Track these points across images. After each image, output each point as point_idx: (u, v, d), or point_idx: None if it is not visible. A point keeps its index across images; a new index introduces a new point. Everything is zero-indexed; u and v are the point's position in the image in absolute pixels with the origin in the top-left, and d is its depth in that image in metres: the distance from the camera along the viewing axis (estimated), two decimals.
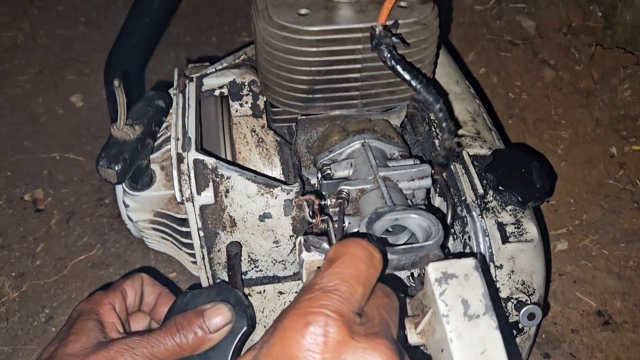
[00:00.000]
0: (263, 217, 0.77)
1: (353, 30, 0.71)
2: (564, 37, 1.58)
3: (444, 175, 0.79)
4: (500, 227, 0.73)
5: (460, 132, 0.84)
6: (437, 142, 0.81)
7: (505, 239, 0.72)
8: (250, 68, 0.90)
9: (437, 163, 0.75)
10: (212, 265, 0.80)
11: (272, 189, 0.75)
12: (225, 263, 0.79)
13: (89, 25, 1.82)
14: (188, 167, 0.75)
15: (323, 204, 0.72)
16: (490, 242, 0.72)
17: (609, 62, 1.48)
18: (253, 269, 0.81)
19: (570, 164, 1.30)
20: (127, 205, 0.84)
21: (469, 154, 0.80)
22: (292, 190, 0.76)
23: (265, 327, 0.79)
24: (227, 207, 0.76)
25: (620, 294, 1.07)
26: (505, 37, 1.62)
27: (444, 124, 0.69)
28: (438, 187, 0.79)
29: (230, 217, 0.77)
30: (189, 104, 0.83)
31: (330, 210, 0.72)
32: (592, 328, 1.03)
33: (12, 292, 1.13)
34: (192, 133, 0.78)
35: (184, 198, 0.75)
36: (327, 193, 0.73)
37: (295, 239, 0.79)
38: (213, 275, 0.81)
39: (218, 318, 0.62)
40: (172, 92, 0.87)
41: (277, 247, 0.80)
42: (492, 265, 0.72)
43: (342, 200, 0.69)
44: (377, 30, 0.69)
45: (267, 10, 0.74)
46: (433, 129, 0.83)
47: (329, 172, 0.74)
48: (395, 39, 0.69)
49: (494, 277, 0.72)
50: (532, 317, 0.70)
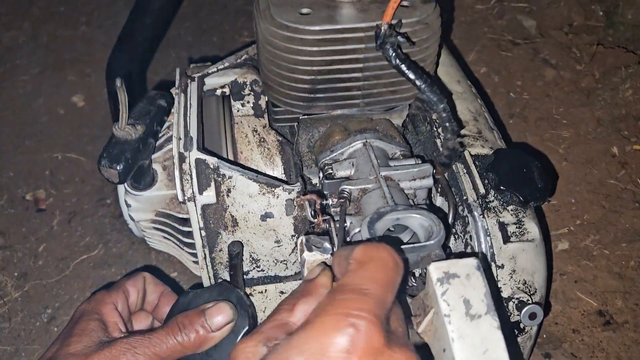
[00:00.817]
0: (265, 216, 0.77)
1: (355, 30, 0.71)
2: (565, 36, 1.58)
3: (446, 175, 0.79)
4: (502, 226, 0.73)
5: (462, 131, 0.84)
6: (438, 141, 0.81)
7: (507, 239, 0.72)
8: (252, 67, 0.90)
9: (439, 163, 0.75)
10: (213, 265, 0.80)
11: (273, 189, 0.76)
12: (227, 263, 0.79)
13: (90, 25, 1.82)
14: (190, 166, 0.75)
15: (324, 204, 0.72)
16: (492, 241, 0.72)
17: (611, 61, 1.47)
18: (255, 269, 0.81)
19: (572, 164, 1.30)
20: (129, 205, 0.84)
21: (471, 154, 0.80)
22: (293, 190, 0.76)
23: None
24: (228, 206, 0.76)
25: (622, 294, 1.07)
26: (507, 36, 1.62)
27: (447, 124, 0.69)
28: (439, 186, 0.79)
29: (232, 216, 0.77)
30: (191, 104, 0.83)
31: (332, 210, 0.72)
32: (593, 328, 1.03)
33: (14, 292, 1.13)
34: (193, 133, 0.78)
35: (186, 198, 0.75)
36: (328, 193, 0.73)
37: (297, 239, 0.79)
38: (215, 275, 0.81)
39: (220, 317, 0.62)
40: (174, 91, 0.87)
41: (278, 246, 0.80)
42: (493, 265, 0.72)
43: (343, 200, 0.69)
44: (382, 29, 0.69)
45: (269, 10, 0.74)
46: (435, 129, 0.83)
47: (331, 171, 0.74)
48: (401, 38, 0.69)
49: (496, 276, 0.72)
50: (533, 316, 0.70)
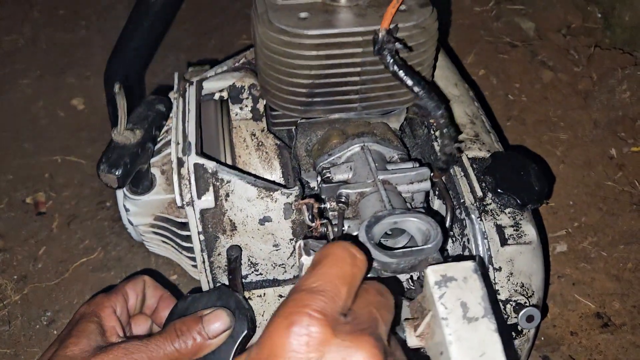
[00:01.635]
0: (263, 220, 0.77)
1: (353, 34, 0.72)
2: (563, 38, 1.59)
3: (443, 178, 0.79)
4: (499, 229, 0.73)
5: (459, 136, 0.84)
6: (436, 145, 0.82)
7: (504, 242, 0.73)
8: (250, 71, 0.91)
9: (436, 168, 0.75)
10: (212, 269, 0.80)
11: (272, 193, 0.76)
12: (226, 266, 0.79)
13: (90, 29, 1.82)
14: (188, 171, 0.75)
15: (322, 208, 0.73)
16: (489, 244, 0.72)
17: (608, 63, 1.48)
18: (253, 273, 0.81)
19: (569, 166, 1.31)
20: (127, 209, 0.84)
21: (468, 157, 0.80)
22: (291, 194, 0.76)
23: None
24: (227, 210, 0.76)
25: (619, 296, 1.08)
26: (504, 38, 1.62)
27: (445, 130, 0.69)
28: (437, 190, 0.79)
29: (231, 220, 0.77)
30: (189, 108, 0.83)
31: (330, 214, 0.73)
32: (591, 330, 1.03)
33: (14, 295, 1.13)
34: (192, 137, 0.78)
35: (184, 202, 0.75)
36: (326, 196, 0.73)
37: (295, 243, 0.79)
38: (213, 279, 0.81)
39: (217, 324, 0.62)
40: (172, 96, 0.88)
41: (277, 250, 0.80)
42: (491, 268, 0.72)
43: (341, 204, 0.69)
44: (380, 35, 0.69)
45: (266, 14, 0.74)
46: (432, 132, 0.83)
47: (329, 175, 0.74)
48: (398, 44, 0.69)
49: (493, 279, 0.72)
50: (530, 319, 0.70)
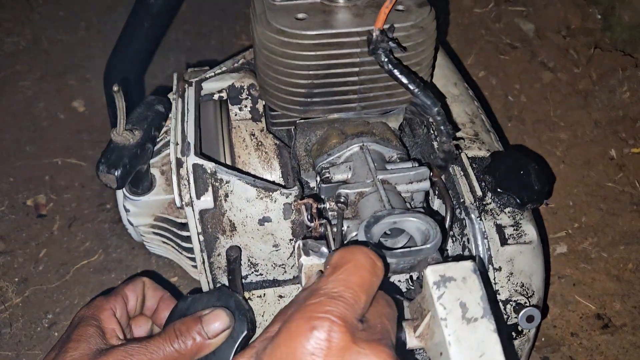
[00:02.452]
0: (262, 220, 0.77)
1: (351, 34, 0.72)
2: (563, 39, 1.58)
3: (443, 178, 0.79)
4: (499, 229, 0.73)
5: (459, 134, 0.84)
6: (435, 144, 0.82)
7: (504, 241, 0.73)
8: (249, 72, 0.91)
9: (435, 166, 0.75)
10: (212, 269, 0.80)
11: (271, 193, 0.76)
12: (225, 267, 0.79)
13: (90, 31, 1.82)
14: (187, 171, 0.75)
15: (321, 208, 0.72)
16: (489, 244, 0.72)
17: (608, 63, 1.48)
18: (253, 273, 0.81)
19: (569, 166, 1.30)
20: (127, 210, 0.84)
21: (468, 156, 0.80)
22: (291, 194, 0.76)
23: None
24: (226, 211, 0.76)
25: (620, 297, 1.07)
26: (504, 39, 1.62)
27: (442, 127, 0.69)
28: (437, 189, 0.79)
29: (230, 221, 0.77)
30: (188, 109, 0.83)
31: (329, 214, 0.72)
32: (591, 331, 1.03)
33: (15, 297, 1.13)
34: (191, 138, 0.78)
35: (184, 203, 0.75)
36: (325, 196, 0.73)
37: (295, 243, 0.79)
38: (213, 279, 0.81)
39: (216, 324, 0.62)
40: (171, 96, 0.88)
41: (276, 250, 0.80)
42: (491, 268, 0.72)
43: (340, 204, 0.69)
44: (374, 35, 0.69)
45: (265, 15, 0.74)
46: (431, 132, 0.83)
47: (328, 175, 0.74)
48: (392, 44, 0.70)
49: (493, 279, 0.72)
50: (531, 319, 0.70)
